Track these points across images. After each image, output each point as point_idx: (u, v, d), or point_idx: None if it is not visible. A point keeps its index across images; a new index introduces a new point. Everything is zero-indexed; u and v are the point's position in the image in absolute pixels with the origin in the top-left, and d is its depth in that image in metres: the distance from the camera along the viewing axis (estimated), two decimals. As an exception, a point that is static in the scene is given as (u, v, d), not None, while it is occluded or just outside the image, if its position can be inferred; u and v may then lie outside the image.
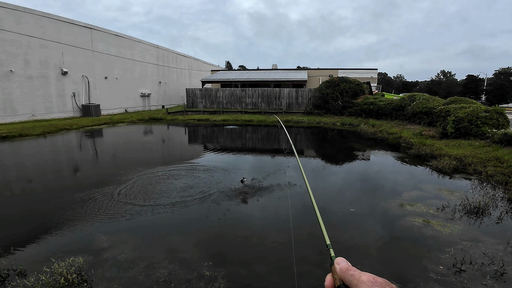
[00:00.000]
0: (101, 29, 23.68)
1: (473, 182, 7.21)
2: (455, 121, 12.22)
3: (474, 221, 5.01)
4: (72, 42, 20.92)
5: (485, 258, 3.84)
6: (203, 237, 4.44)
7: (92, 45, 22.77)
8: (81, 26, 21.66)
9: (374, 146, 12.81)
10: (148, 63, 30.28)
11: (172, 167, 8.38)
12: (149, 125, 19.65)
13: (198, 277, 3.44)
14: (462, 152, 9.77)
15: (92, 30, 22.65)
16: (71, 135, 14.64)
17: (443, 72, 77.56)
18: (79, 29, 21.50)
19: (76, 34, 21.22)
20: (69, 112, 21.11)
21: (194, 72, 41.93)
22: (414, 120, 17.13)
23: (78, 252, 3.90)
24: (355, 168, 9.14)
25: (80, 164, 9.24)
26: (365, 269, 2.41)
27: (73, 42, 21.02)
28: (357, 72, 32.48)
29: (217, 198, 5.89)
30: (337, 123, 20.33)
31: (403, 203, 5.79)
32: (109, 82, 24.80)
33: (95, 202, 5.67)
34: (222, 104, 27.02)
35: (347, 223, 5.01)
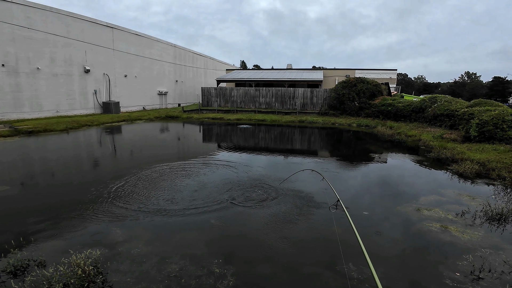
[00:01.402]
0: (122, 29, 24.42)
1: (496, 188, 6.86)
2: (479, 124, 11.66)
3: (496, 228, 4.76)
4: (95, 41, 21.71)
5: (506, 266, 3.65)
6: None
7: (113, 44, 23.53)
8: (103, 25, 22.43)
9: (392, 148, 12.46)
10: (165, 62, 30.92)
11: (189, 161, 8.53)
12: (165, 123, 20.08)
13: (208, 274, 3.48)
14: (485, 156, 9.32)
15: (113, 30, 23.40)
16: (92, 131, 15.21)
17: (468, 73, 74.17)
18: (101, 28, 22.28)
19: (98, 33, 22.00)
20: (91, 109, 21.93)
21: (210, 71, 42.41)
22: (435, 122, 16.50)
23: (95, 245, 4.05)
24: (370, 170, 8.93)
25: (99, 159, 9.60)
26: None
27: (96, 41, 21.80)
28: (375, 72, 31.67)
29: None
30: (353, 124, 19.93)
31: (420, 207, 5.60)
32: (128, 80, 25.55)
33: (112, 197, 5.87)
34: (236, 103, 27.17)
35: (360, 226, 4.90)
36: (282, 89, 25.99)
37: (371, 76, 29.43)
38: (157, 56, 29.36)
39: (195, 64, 37.79)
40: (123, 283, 3.31)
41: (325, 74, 31.70)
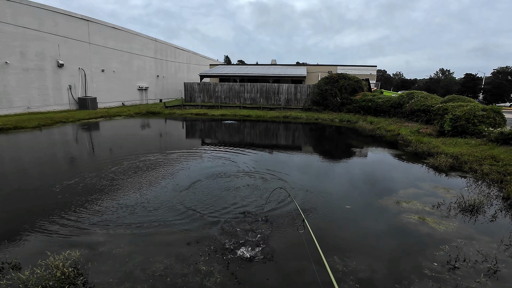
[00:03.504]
0: (99, 22, 23.35)
1: (469, 180, 7.27)
2: (452, 119, 12.26)
3: (469, 219, 5.05)
4: (69, 35, 20.64)
5: (479, 255, 3.88)
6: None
7: (89, 37, 22.48)
8: (78, 18, 21.34)
9: (372, 143, 12.85)
10: (146, 56, 29.97)
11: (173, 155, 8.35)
12: (146, 119, 19.53)
13: (194, 272, 3.45)
14: (458, 150, 9.83)
15: (89, 23, 22.33)
16: (67, 128, 14.52)
17: (442, 70, 77.64)
18: (76, 21, 21.19)
19: (73, 27, 20.93)
20: (65, 105, 20.91)
21: (193, 66, 41.59)
22: (412, 117, 17.17)
23: (74, 245, 3.90)
24: (353, 165, 9.17)
25: (75, 157, 9.18)
26: (360, 266, 2.46)
27: (70, 35, 20.74)
28: (356, 69, 32.39)
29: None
30: (336, 119, 20.33)
31: (399, 200, 5.83)
32: (106, 75, 24.55)
33: (90, 196, 5.65)
34: (221, 98, 26.90)
35: (343, 220, 5.03)
36: (267, 85, 26.01)
37: (352, 72, 30.07)
38: (137, 50, 28.36)
39: (178, 59, 36.90)
40: (106, 284, 3.22)
41: (309, 70, 32.03)
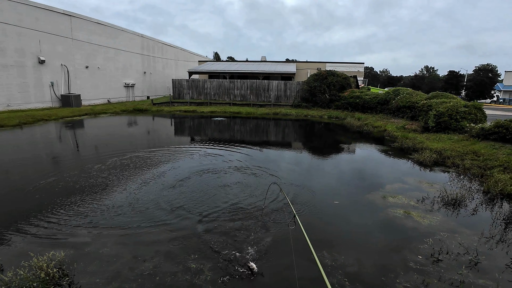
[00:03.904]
0: (82, 17, 22.59)
1: (451, 175, 7.52)
2: (436, 115, 12.62)
3: (452, 212, 5.24)
4: (50, 30, 19.88)
5: (461, 248, 4.03)
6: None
7: (72, 33, 21.73)
8: (59, 13, 20.57)
9: (360, 139, 13.07)
10: (132, 52, 29.26)
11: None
12: (133, 116, 19.13)
13: (184, 270, 3.43)
14: (442, 145, 10.14)
15: (72, 18, 21.57)
16: (49, 126, 14.04)
17: (427, 67, 79.65)
18: (57, 16, 20.42)
19: (54, 22, 20.16)
20: (47, 102, 20.19)
21: (181, 62, 40.94)
22: (398, 114, 17.56)
23: (58, 246, 3.80)
24: (341, 161, 9.31)
25: (58, 156, 8.90)
26: (349, 260, 2.51)
27: (52, 30, 19.98)
28: (344, 66, 32.75)
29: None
30: (324, 116, 20.55)
31: (385, 195, 5.97)
32: (90, 72, 23.83)
33: (74, 196, 5.50)
34: (210, 95, 26.65)
35: (331, 215, 5.11)
36: (257, 81, 25.95)
37: (341, 69, 30.39)
38: (122, 46, 27.64)
39: (165, 55, 36.22)
40: (93, 284, 3.17)
41: (298, 67, 32.14)
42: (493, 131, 10.03)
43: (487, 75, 50.16)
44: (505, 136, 9.60)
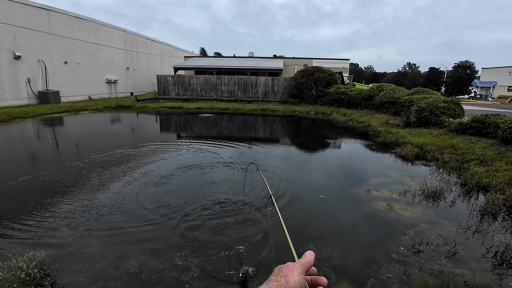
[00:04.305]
0: (60, 11, 21.62)
1: (431, 168, 7.81)
2: (417, 110, 13.02)
3: (431, 204, 5.45)
4: (26, 24, 18.92)
5: (440, 239, 4.21)
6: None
7: (50, 27, 20.78)
8: (36, 7, 19.59)
9: (345, 134, 13.32)
10: (114, 47, 28.34)
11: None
12: (116, 113, 18.61)
13: (170, 267, 3.40)
14: (422, 140, 10.50)
15: (49, 12, 20.61)
16: (27, 124, 13.44)
17: (409, 64, 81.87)
18: (34, 10, 19.45)
19: (31, 16, 19.20)
20: (24, 99, 19.29)
21: (166, 58, 40.09)
22: (382, 109, 18.00)
23: (38, 247, 3.68)
24: (327, 156, 9.46)
25: (35, 154, 8.55)
26: (334, 253, 2.55)
27: (27, 24, 19.02)
28: (330, 62, 33.13)
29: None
30: (311, 112, 20.76)
31: (369, 188, 6.13)
32: (69, 67, 22.92)
33: (53, 196, 5.31)
34: (196, 91, 26.29)
35: (318, 209, 5.20)
36: (245, 77, 25.81)
37: (327, 65, 30.73)
38: (104, 41, 26.71)
39: (149, 50, 35.34)
40: (76, 283, 3.10)
41: (285, 63, 32.22)
42: (470, 125, 10.47)
43: (465, 71, 52.15)
44: (481, 130, 10.04)
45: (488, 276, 3.40)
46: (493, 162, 7.47)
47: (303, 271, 0.58)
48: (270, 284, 0.54)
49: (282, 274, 0.56)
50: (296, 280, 0.54)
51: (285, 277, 0.54)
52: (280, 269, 0.57)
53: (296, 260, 0.62)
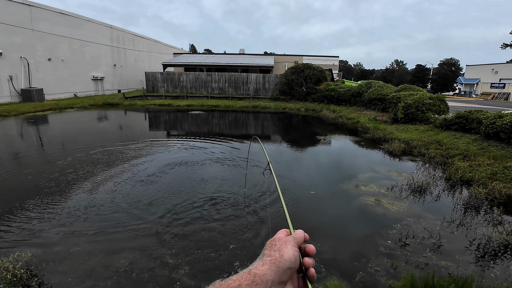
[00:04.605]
0: (43, 6, 20.86)
1: (418, 164, 8.02)
2: (404, 107, 13.31)
3: (418, 199, 5.61)
4: (7, 21, 18.19)
5: (425, 232, 4.34)
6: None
7: (32, 23, 20.05)
8: (17, 2, 18.83)
9: (335, 131, 13.49)
10: (100, 44, 27.61)
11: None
12: (103, 111, 18.21)
13: (161, 265, 3.39)
14: (409, 136, 10.75)
15: (31, 7, 19.87)
16: (9, 122, 12.99)
17: (397, 61, 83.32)
18: (15, 6, 18.70)
19: (12, 12, 18.45)
20: (6, 98, 18.59)
21: (154, 54, 39.38)
22: (370, 106, 18.29)
23: (23, 247, 3.60)
24: (317, 152, 9.57)
25: (19, 153, 8.29)
26: (324, 247, 2.59)
27: (9, 21, 18.29)
28: (320, 59, 33.34)
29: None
30: (302, 108, 20.89)
31: (358, 184, 6.25)
32: (53, 64, 22.21)
33: (37, 194, 5.18)
34: (186, 88, 25.99)
35: (308, 204, 5.27)
36: (236, 74, 25.68)
37: (317, 62, 30.90)
38: (89, 37, 25.98)
39: (137, 47, 34.61)
40: (65, 283, 3.05)
41: (276, 60, 32.22)
42: (455, 121, 10.79)
43: (450, 69, 53.55)
44: (465, 126, 10.37)
45: (471, 267, 3.54)
46: (476, 157, 7.74)
47: (296, 244, 0.58)
48: (264, 259, 0.54)
49: (276, 248, 0.56)
50: (290, 253, 0.54)
51: (279, 251, 0.55)
52: (273, 243, 0.58)
53: (292, 233, 0.63)
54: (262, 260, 0.54)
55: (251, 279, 0.50)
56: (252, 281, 0.49)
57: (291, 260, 0.54)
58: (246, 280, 0.49)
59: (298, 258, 0.57)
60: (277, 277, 0.51)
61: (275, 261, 0.53)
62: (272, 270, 0.52)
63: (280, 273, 0.52)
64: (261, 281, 0.50)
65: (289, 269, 0.54)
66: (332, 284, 3.06)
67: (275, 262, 0.52)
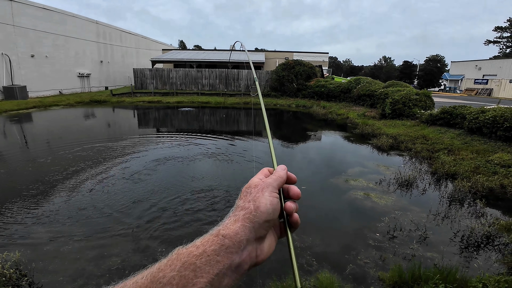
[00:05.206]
0: (24, 1, 20.09)
1: (405, 158, 8.23)
2: (392, 103, 13.58)
3: (405, 192, 5.77)
4: (-14, 16, 17.43)
5: (412, 224, 4.49)
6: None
7: (13, 19, 19.30)
8: (-3, -3, 18.05)
9: (325, 126, 13.65)
10: (85, 40, 26.84)
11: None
12: (90, 108, 17.79)
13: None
14: (396, 131, 11.00)
15: (12, 2, 19.11)
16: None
17: (384, 57, 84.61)
18: (-6, 0, 17.92)
19: (-9, 7, 17.68)
20: (-12, 95, 17.91)
21: (143, 51, 38.59)
22: (359, 102, 18.56)
23: (10, 246, 3.53)
24: (308, 148, 9.67)
25: (2, 152, 8.03)
26: (315, 241, 2.66)
27: (-12, 16, 17.53)
28: (310, 55, 33.50)
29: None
30: (292, 105, 21.00)
31: (348, 178, 6.38)
32: (36, 61, 21.47)
33: (25, 192, 5.06)
34: (176, 85, 25.65)
35: (299, 200, 5.34)
36: (227, 71, 25.50)
37: (307, 59, 31.05)
38: (74, 33, 25.21)
39: (124, 43, 33.83)
40: (56, 283, 3.02)
41: (267, 56, 32.19)
42: (440, 117, 11.10)
43: (436, 65, 54.78)
44: (449, 121, 10.68)
45: (455, 258, 3.68)
46: (460, 151, 8.00)
47: (275, 188, 0.50)
48: (237, 214, 0.45)
49: (251, 198, 0.47)
50: (267, 203, 0.46)
51: (254, 202, 0.46)
52: (248, 191, 0.49)
53: (275, 168, 0.57)
54: (234, 215, 0.45)
55: (219, 242, 0.41)
56: (220, 245, 0.41)
57: (268, 211, 0.45)
58: (213, 245, 0.41)
59: (278, 206, 0.48)
60: (253, 234, 0.44)
61: (249, 216, 0.44)
62: (246, 227, 0.43)
63: (256, 228, 0.44)
64: (233, 243, 0.41)
65: (267, 222, 0.46)
66: (323, 276, 3.14)
67: (249, 217, 0.44)
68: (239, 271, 0.42)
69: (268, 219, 0.45)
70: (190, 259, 0.39)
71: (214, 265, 0.39)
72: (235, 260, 0.41)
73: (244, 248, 0.43)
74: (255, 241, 0.45)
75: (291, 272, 0.50)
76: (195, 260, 0.39)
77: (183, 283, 0.37)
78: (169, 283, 0.37)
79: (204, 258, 0.39)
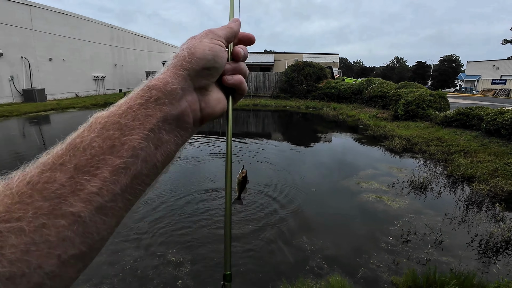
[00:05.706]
0: (42, 6, 20.88)
1: (419, 160, 8.04)
2: (405, 104, 13.30)
3: (419, 196, 5.63)
4: (6, 20, 18.20)
5: (427, 228, 4.37)
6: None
7: (32, 23, 20.07)
8: (16, 2, 18.85)
9: (335, 128, 13.51)
10: (100, 43, 27.63)
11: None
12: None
13: (165, 263, 3.43)
14: (410, 133, 10.76)
15: (31, 7, 19.89)
16: (11, 123, 13.04)
17: (397, 58, 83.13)
18: (15, 6, 18.71)
19: (10, 12, 18.46)
20: (8, 98, 18.66)
21: (155, 54, 39.38)
22: (371, 103, 18.28)
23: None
24: (318, 150, 9.60)
25: (23, 154, 8.34)
26: (326, 244, 2.64)
27: (8, 20, 18.30)
28: (320, 56, 33.30)
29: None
30: (302, 106, 20.89)
31: (359, 181, 6.28)
32: (54, 64, 22.25)
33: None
34: (186, 88, 26.01)
35: (309, 202, 5.30)
36: (236, 73, 25.69)
37: (317, 60, 30.87)
38: (89, 37, 25.99)
39: (137, 46, 34.62)
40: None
41: (276, 58, 32.22)
42: (455, 118, 10.79)
43: (451, 65, 53.38)
44: (466, 123, 10.37)
45: (473, 264, 3.56)
46: (477, 153, 7.75)
47: (221, 37, 0.42)
48: (168, 63, 0.39)
49: (185, 46, 0.40)
50: (205, 48, 0.39)
51: (188, 49, 0.39)
52: (185, 42, 0.41)
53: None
54: (165, 66, 0.39)
55: (145, 96, 0.35)
56: (147, 98, 0.34)
57: (206, 57, 0.38)
58: (138, 99, 0.34)
59: (221, 54, 0.40)
60: (189, 83, 0.37)
61: (182, 62, 0.38)
62: (179, 75, 0.37)
63: (193, 76, 0.37)
64: (163, 93, 0.35)
65: (207, 70, 0.39)
66: (334, 280, 3.10)
67: (182, 64, 0.37)
68: (180, 125, 0.37)
69: (207, 66, 0.38)
70: (112, 119, 0.33)
71: (144, 120, 0.33)
72: (171, 111, 0.35)
73: (181, 99, 0.36)
74: (196, 92, 0.39)
75: (301, 275, 0.44)
76: (119, 118, 0.32)
77: (109, 144, 0.31)
78: (90, 146, 0.31)
79: (130, 115, 0.33)
